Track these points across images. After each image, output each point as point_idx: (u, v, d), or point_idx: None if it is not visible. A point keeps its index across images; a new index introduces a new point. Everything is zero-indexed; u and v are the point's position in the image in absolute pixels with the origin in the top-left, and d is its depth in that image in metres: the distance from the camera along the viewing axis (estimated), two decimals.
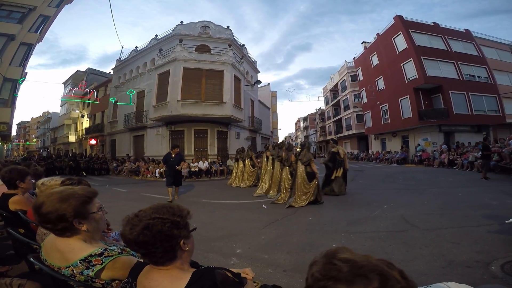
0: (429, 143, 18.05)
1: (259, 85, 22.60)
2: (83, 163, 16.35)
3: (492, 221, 3.97)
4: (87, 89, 22.87)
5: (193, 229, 1.03)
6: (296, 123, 73.01)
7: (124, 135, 19.64)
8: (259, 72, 23.50)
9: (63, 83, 32.43)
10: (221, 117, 14.84)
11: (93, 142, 23.65)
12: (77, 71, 29.61)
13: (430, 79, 18.00)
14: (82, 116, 27.11)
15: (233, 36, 18.03)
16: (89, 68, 30.52)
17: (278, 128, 38.95)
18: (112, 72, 22.96)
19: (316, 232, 3.91)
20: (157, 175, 13.12)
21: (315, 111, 48.74)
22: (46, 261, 1.20)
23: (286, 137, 69.51)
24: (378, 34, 23.39)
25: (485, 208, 4.86)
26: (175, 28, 17.27)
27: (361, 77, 26.90)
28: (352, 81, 29.10)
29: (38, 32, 15.87)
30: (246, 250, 3.30)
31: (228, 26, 18.09)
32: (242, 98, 16.80)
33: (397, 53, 20.27)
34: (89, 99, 22.77)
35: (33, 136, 53.06)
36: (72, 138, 29.86)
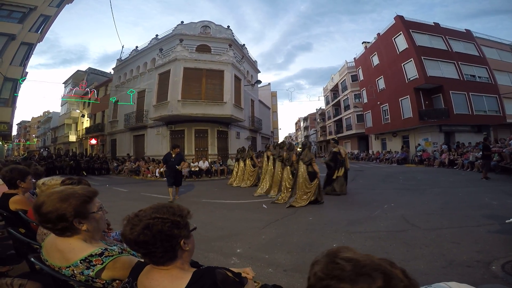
0: (430, 143, 18.03)
1: (259, 85, 22.61)
2: (84, 163, 16.38)
3: (492, 221, 3.96)
4: (87, 88, 22.84)
5: (193, 228, 1.03)
6: (296, 123, 72.97)
7: (125, 134, 19.65)
8: (260, 72, 23.52)
9: (64, 83, 32.46)
10: (221, 117, 14.85)
11: (93, 141, 23.68)
12: (78, 70, 29.67)
13: (431, 79, 17.99)
14: (83, 115, 27.13)
15: (233, 36, 18.03)
16: (89, 68, 30.63)
17: (279, 128, 38.98)
18: (112, 72, 22.98)
19: (316, 232, 3.91)
20: (157, 174, 13.14)
21: (315, 111, 48.76)
22: (47, 261, 1.19)
23: (286, 137, 69.51)
24: (378, 34, 23.37)
25: (485, 208, 4.85)
26: (175, 28, 17.28)
27: (361, 77, 26.88)
28: (352, 81, 29.09)
29: (39, 32, 15.89)
30: (247, 250, 3.30)
31: (228, 26, 18.09)
32: (242, 98, 16.80)
33: (398, 53, 20.25)
34: (89, 99, 22.78)
35: (33, 135, 53.06)
36: (72, 138, 29.88)
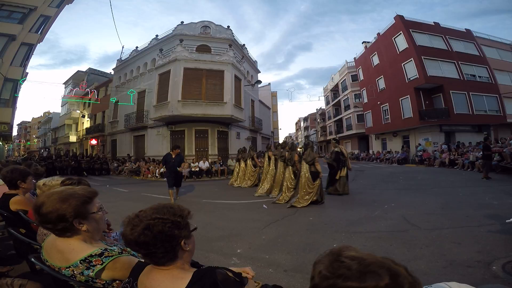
0: (430, 143, 18.02)
1: (259, 85, 22.61)
2: (84, 163, 16.40)
3: (493, 221, 3.96)
4: (87, 89, 22.90)
5: (193, 229, 1.03)
6: (296, 123, 72.95)
7: (125, 135, 19.66)
8: (260, 72, 23.55)
9: (64, 83, 32.47)
10: (221, 117, 14.86)
11: (93, 142, 23.68)
12: (78, 71, 29.69)
13: (431, 79, 17.98)
14: (83, 116, 27.14)
15: (233, 36, 18.03)
16: (89, 68, 30.63)
17: (279, 128, 38.95)
18: (112, 72, 23.01)
19: (316, 232, 3.91)
20: (157, 175, 13.13)
21: (315, 111, 48.76)
22: (47, 261, 1.19)
23: (286, 137, 69.46)
24: (378, 34, 23.35)
25: (486, 208, 4.85)
26: (175, 28, 17.29)
27: (361, 77, 26.87)
28: (352, 81, 29.07)
29: (39, 32, 15.88)
30: (247, 250, 3.30)
31: (228, 26, 18.10)
32: (242, 98, 16.81)
33: (398, 53, 20.24)
34: (89, 99, 22.76)
35: (34, 136, 53.08)
36: (73, 138, 29.90)
